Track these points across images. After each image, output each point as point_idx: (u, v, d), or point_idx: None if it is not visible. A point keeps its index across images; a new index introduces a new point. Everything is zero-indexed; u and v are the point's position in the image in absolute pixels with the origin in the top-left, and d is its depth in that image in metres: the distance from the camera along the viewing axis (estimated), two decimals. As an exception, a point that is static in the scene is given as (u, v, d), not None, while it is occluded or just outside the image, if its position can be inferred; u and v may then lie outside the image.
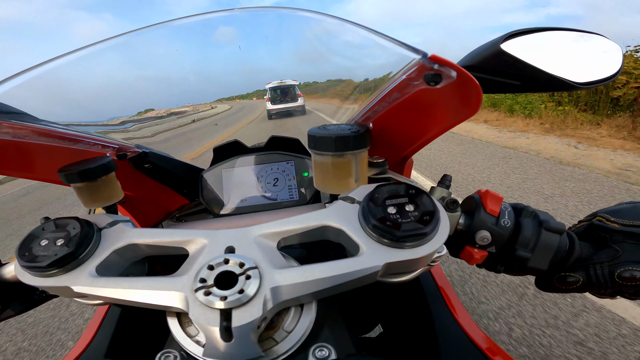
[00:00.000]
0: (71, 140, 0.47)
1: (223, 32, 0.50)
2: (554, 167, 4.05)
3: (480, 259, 0.43)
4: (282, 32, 0.51)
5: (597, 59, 0.38)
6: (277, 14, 0.45)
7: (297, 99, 3.14)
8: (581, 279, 0.41)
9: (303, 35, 0.50)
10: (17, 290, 0.43)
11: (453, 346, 0.48)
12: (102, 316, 0.56)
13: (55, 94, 0.45)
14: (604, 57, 0.38)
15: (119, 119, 0.68)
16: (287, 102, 3.24)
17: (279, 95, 3.35)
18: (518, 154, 4.77)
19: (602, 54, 0.38)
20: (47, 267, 0.34)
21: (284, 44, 0.59)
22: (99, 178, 0.48)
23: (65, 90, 0.47)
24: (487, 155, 4.82)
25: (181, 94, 0.91)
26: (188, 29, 0.45)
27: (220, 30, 0.50)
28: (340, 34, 0.43)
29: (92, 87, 0.54)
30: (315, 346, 0.34)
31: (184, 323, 0.34)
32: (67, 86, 0.45)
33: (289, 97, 3.20)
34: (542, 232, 0.41)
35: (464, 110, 0.36)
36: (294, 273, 0.32)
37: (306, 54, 0.64)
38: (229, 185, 0.70)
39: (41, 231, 0.37)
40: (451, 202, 0.43)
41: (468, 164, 4.47)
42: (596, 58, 0.38)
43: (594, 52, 0.38)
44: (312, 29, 0.47)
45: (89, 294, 0.34)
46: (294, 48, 0.60)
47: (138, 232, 0.39)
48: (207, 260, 0.33)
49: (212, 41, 0.53)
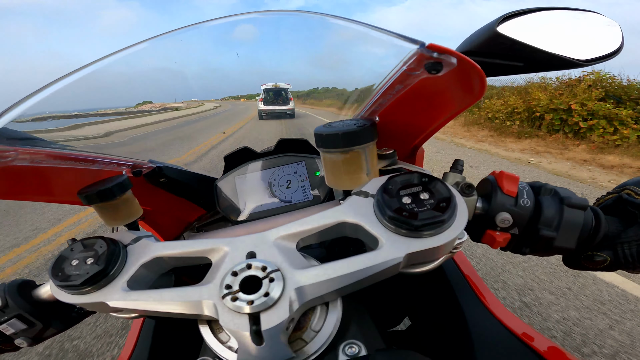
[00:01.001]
0: (87, 162, 0.49)
1: (222, 37, 0.51)
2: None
3: (503, 242, 0.42)
4: (279, 34, 0.51)
5: (597, 36, 0.37)
6: (273, 18, 0.45)
7: (288, 102, 3.30)
8: (609, 259, 0.40)
9: (299, 35, 0.50)
10: (55, 309, 0.45)
11: (486, 333, 0.47)
12: (138, 329, 0.58)
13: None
14: (602, 33, 0.37)
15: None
16: (278, 104, 3.40)
17: (272, 97, 3.47)
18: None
19: (601, 30, 0.37)
20: (81, 285, 0.35)
21: (280, 46, 0.60)
22: (117, 197, 0.50)
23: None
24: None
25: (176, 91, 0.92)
26: (195, 33, 0.46)
27: (219, 34, 0.50)
28: (337, 31, 0.43)
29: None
30: (345, 343, 0.34)
31: (215, 330, 0.35)
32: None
33: (281, 99, 3.34)
34: (565, 209, 0.39)
35: (468, 95, 0.36)
36: (316, 272, 0.32)
37: (301, 53, 0.64)
38: (243, 191, 0.71)
39: (70, 252, 0.39)
40: (466, 186, 0.43)
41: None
42: (595, 35, 0.37)
43: (592, 29, 0.37)
44: (307, 27, 0.48)
45: (124, 308, 0.35)
46: (289, 48, 0.60)
47: (162, 246, 0.40)
48: (231, 267, 0.34)
49: (211, 45, 0.54)
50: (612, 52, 0.36)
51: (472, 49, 0.37)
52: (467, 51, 0.37)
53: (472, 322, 0.49)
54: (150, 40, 0.43)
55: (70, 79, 0.39)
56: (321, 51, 0.56)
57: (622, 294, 1.91)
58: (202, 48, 0.55)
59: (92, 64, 0.41)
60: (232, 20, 0.45)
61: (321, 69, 0.63)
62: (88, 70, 0.40)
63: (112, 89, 0.57)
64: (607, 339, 1.57)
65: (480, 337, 0.46)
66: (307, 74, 0.85)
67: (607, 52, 0.36)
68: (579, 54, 0.35)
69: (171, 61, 0.56)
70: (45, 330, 0.45)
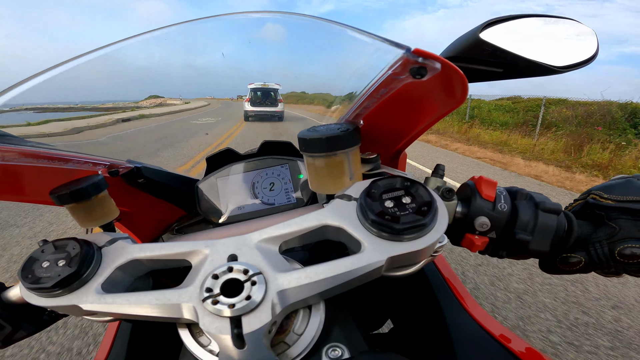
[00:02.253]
0: (60, 160, 0.47)
1: (209, 36, 0.51)
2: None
3: (481, 245, 0.43)
4: (266, 35, 0.51)
5: (573, 43, 0.38)
6: (259, 19, 0.45)
7: (277, 104, 3.08)
8: (583, 260, 0.41)
9: (286, 37, 0.50)
10: (25, 312, 0.43)
11: (465, 335, 0.48)
12: (114, 332, 0.56)
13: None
14: (579, 40, 0.39)
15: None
16: (266, 105, 3.17)
17: (260, 97, 3.23)
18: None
19: (577, 37, 0.39)
20: (52, 287, 0.34)
21: (268, 47, 0.60)
22: (92, 197, 0.48)
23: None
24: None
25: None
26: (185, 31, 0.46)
27: (204, 35, 0.50)
28: (324, 34, 0.44)
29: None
30: (328, 346, 0.34)
31: (195, 333, 0.34)
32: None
33: (269, 100, 3.13)
34: (539, 214, 0.41)
35: (451, 100, 0.37)
36: (299, 275, 0.32)
37: (289, 55, 0.64)
38: (225, 193, 0.70)
39: (41, 253, 0.37)
40: (447, 190, 0.44)
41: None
42: (572, 42, 0.39)
43: (569, 36, 0.39)
44: (294, 30, 0.48)
45: (98, 311, 0.34)
46: (276, 49, 0.60)
47: (139, 248, 0.39)
48: (211, 270, 0.33)
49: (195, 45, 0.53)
50: (587, 59, 0.38)
51: (456, 54, 0.38)
52: (451, 57, 0.38)
53: (452, 325, 0.49)
54: (135, 37, 0.42)
55: (50, 73, 0.37)
56: (309, 53, 0.56)
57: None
58: (188, 47, 0.54)
59: (75, 59, 0.39)
60: (220, 20, 0.45)
61: (308, 71, 0.63)
62: (69, 66, 0.39)
63: (95, 84, 0.55)
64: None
65: (460, 339, 0.47)
66: (295, 76, 0.85)
67: (582, 59, 0.38)
68: (556, 61, 0.36)
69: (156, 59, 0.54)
70: (14, 333, 0.43)
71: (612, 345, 1.71)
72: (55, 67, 0.38)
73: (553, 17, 0.39)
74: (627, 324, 1.88)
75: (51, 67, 0.38)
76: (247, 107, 3.38)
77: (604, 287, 2.26)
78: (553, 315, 1.93)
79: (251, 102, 3.32)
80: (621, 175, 0.44)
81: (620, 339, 1.76)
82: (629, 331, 1.81)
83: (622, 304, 2.07)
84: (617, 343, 1.73)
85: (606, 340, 1.75)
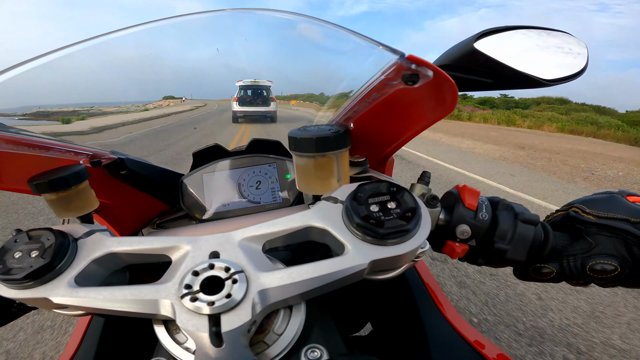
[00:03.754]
0: (42, 148, 0.45)
1: (200, 32, 0.50)
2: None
3: (461, 252, 0.44)
4: (261, 33, 0.51)
5: (564, 56, 0.39)
6: (256, 16, 0.45)
7: (269, 103, 2.64)
8: (555, 270, 0.42)
9: (283, 37, 0.50)
10: None
11: (442, 340, 0.49)
12: (84, 327, 0.54)
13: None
14: (570, 54, 0.39)
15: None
16: (257, 104, 2.75)
17: (250, 96, 2.87)
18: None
19: (569, 51, 0.40)
20: (22, 279, 0.33)
21: (262, 46, 0.59)
22: (72, 187, 0.46)
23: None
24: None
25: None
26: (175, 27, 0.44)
27: (196, 30, 0.49)
28: (320, 36, 0.44)
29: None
30: (307, 347, 0.34)
31: (171, 330, 0.34)
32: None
33: (261, 99, 2.75)
34: (518, 224, 0.42)
35: (440, 108, 0.37)
36: (281, 275, 0.32)
37: (285, 56, 0.64)
38: (210, 189, 0.69)
39: (14, 243, 0.36)
40: (431, 198, 0.44)
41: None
42: (563, 55, 0.39)
43: (561, 49, 0.39)
44: (291, 30, 0.48)
45: (69, 305, 0.33)
46: (273, 49, 0.60)
47: (117, 241, 0.38)
48: (192, 267, 0.33)
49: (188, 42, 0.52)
50: (576, 73, 0.38)
51: (449, 62, 0.38)
52: (444, 65, 0.39)
53: (429, 329, 0.50)
54: (117, 32, 0.41)
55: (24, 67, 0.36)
56: (303, 53, 0.56)
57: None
58: (178, 44, 0.53)
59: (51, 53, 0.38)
60: (211, 16, 0.44)
61: (301, 72, 0.63)
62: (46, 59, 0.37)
63: (75, 82, 0.54)
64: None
65: (436, 343, 0.48)
66: (286, 76, 0.85)
67: (571, 72, 0.38)
68: (545, 74, 0.37)
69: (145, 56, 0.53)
70: None
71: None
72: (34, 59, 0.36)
73: (548, 30, 0.40)
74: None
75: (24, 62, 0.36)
76: (235, 107, 2.84)
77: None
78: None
79: (240, 101, 2.86)
80: (606, 190, 0.45)
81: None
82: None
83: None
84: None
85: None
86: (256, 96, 2.82)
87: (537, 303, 2.10)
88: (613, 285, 0.42)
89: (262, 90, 2.67)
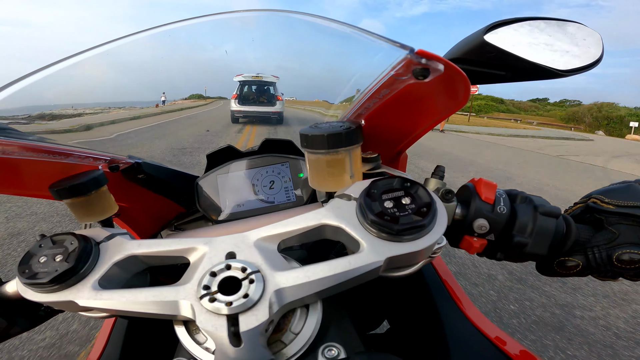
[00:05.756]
0: (61, 155, 0.47)
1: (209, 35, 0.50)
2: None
3: (480, 247, 0.43)
4: (269, 34, 0.51)
5: (578, 46, 0.38)
6: (263, 17, 0.45)
7: (274, 101, 2.22)
8: (581, 263, 0.41)
9: (291, 36, 0.50)
10: (21, 307, 0.43)
11: (461, 337, 0.48)
12: (109, 329, 0.56)
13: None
14: (584, 44, 0.38)
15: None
16: (260, 104, 2.28)
17: (252, 93, 2.32)
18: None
19: (582, 41, 0.38)
20: (48, 283, 0.34)
21: (270, 46, 0.59)
22: (91, 192, 0.48)
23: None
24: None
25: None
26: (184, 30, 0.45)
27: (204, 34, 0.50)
28: (329, 34, 0.43)
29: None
30: (324, 346, 0.34)
31: (191, 331, 0.34)
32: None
33: (265, 97, 2.28)
34: (538, 217, 0.41)
35: (453, 102, 0.37)
36: (297, 274, 0.32)
37: (293, 55, 0.64)
38: (224, 191, 0.70)
39: (39, 248, 0.37)
40: (446, 192, 0.44)
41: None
42: (577, 45, 0.38)
43: (574, 39, 0.38)
44: (300, 29, 0.47)
45: (94, 307, 0.34)
46: (280, 49, 0.60)
47: (137, 244, 0.39)
48: (209, 267, 0.33)
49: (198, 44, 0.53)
50: (592, 63, 0.37)
51: (459, 56, 0.38)
52: (454, 58, 0.38)
53: (448, 326, 0.49)
54: (128, 37, 0.42)
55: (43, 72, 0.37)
56: (312, 52, 0.56)
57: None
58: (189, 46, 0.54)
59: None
60: (221, 18, 0.45)
61: (311, 70, 0.63)
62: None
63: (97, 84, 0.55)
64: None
65: (455, 340, 0.47)
66: (295, 75, 0.85)
67: (587, 62, 0.37)
68: (560, 64, 0.36)
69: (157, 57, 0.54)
70: (10, 328, 0.42)
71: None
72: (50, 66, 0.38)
73: (559, 20, 0.39)
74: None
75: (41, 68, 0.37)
76: (235, 106, 2.28)
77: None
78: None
79: (240, 99, 2.29)
80: (623, 179, 0.44)
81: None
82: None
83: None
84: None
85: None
86: (259, 94, 2.31)
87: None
88: None
89: (267, 87, 2.22)
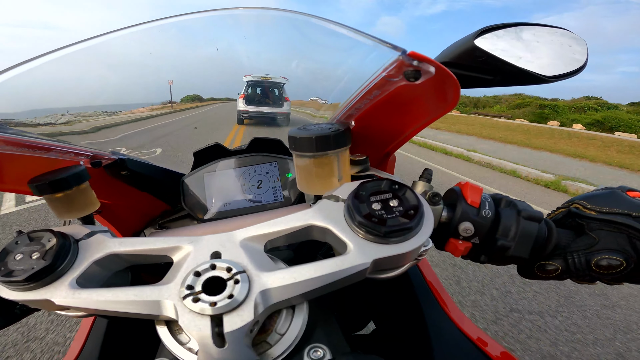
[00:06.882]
0: (42, 149, 0.45)
1: (198, 34, 0.50)
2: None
3: (464, 250, 0.43)
4: (261, 32, 0.50)
5: (564, 53, 0.39)
6: (255, 14, 0.44)
7: (282, 103, 2.22)
8: (560, 267, 0.42)
9: (282, 34, 0.50)
10: None
11: (444, 338, 0.49)
12: (88, 328, 0.54)
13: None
14: (569, 51, 0.39)
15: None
16: (268, 105, 2.32)
17: (259, 94, 2.38)
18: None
19: (568, 48, 0.40)
20: (24, 281, 0.33)
21: (262, 44, 0.59)
22: (72, 188, 0.46)
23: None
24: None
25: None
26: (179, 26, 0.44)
27: (195, 32, 0.49)
28: (321, 33, 0.43)
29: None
30: (310, 347, 0.34)
31: (174, 331, 0.33)
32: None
33: (272, 99, 2.33)
34: (521, 221, 0.42)
35: (442, 104, 0.37)
36: (283, 275, 0.32)
37: (284, 54, 0.63)
38: (211, 189, 0.69)
39: (15, 245, 0.36)
40: (433, 195, 0.44)
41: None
42: (563, 52, 0.39)
43: (561, 46, 0.40)
44: (291, 28, 0.47)
45: (72, 306, 0.33)
46: (272, 48, 0.59)
47: (118, 242, 0.38)
48: (193, 267, 0.33)
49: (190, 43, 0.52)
50: (576, 70, 0.38)
51: (450, 59, 0.38)
52: (445, 62, 0.39)
53: (432, 327, 0.50)
54: (117, 31, 0.41)
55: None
56: (302, 51, 0.56)
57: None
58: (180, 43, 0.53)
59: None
60: (212, 15, 0.44)
61: (301, 70, 0.62)
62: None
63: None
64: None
65: (439, 341, 0.48)
66: (286, 74, 0.84)
67: (571, 69, 0.38)
68: (546, 70, 0.37)
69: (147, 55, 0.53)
70: None
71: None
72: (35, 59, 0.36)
73: (547, 27, 0.40)
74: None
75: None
76: (241, 106, 2.34)
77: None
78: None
79: (247, 99, 2.35)
80: (606, 186, 0.45)
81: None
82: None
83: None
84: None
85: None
86: (267, 94, 2.36)
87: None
88: (619, 281, 0.41)
89: (275, 88, 2.26)
